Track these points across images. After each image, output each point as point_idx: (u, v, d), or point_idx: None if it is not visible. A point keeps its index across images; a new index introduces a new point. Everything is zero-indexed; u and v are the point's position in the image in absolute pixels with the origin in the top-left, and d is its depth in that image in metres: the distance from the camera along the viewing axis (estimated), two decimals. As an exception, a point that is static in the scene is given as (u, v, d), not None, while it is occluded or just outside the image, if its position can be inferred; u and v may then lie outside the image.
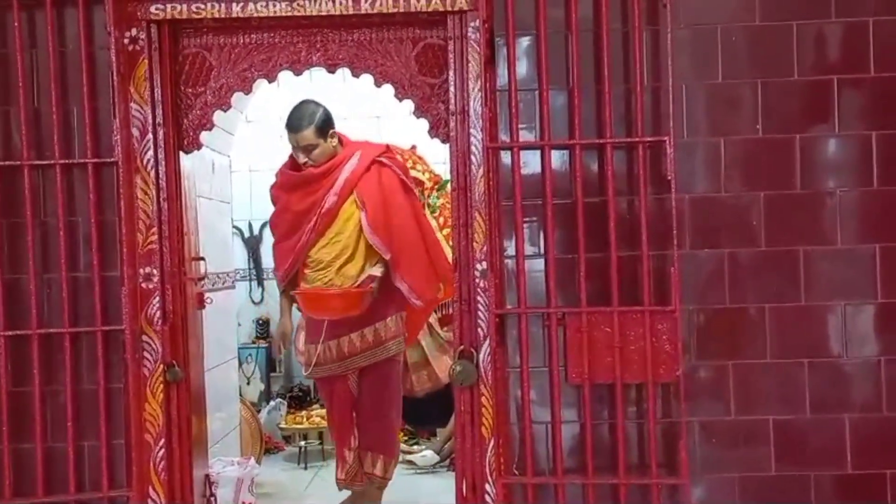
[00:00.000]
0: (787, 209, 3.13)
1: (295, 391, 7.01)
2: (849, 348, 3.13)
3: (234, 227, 6.04)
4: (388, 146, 4.27)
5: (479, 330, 3.12)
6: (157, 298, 3.16)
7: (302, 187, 4.09)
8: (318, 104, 4.09)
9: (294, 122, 4.01)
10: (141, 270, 3.14)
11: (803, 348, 3.12)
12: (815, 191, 3.13)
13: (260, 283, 7.18)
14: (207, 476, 3.72)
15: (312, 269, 4.11)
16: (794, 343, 3.12)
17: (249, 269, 7.13)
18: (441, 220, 6.50)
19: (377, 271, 4.11)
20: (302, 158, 4.03)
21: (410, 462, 6.00)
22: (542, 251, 3.13)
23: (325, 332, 4.08)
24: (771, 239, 3.12)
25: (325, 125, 4.03)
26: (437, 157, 6.36)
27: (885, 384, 3.12)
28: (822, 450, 3.12)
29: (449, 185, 6.38)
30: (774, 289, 3.13)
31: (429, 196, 6.54)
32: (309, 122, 3.98)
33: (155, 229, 3.16)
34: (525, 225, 3.11)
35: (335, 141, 4.08)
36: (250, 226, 7.12)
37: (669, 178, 2.99)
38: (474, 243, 3.14)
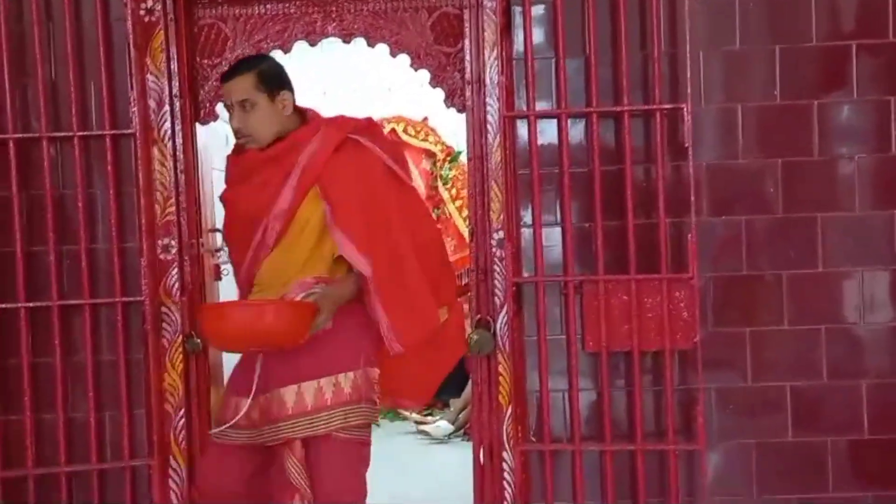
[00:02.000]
0: (804, 176, 3.13)
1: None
2: (865, 315, 3.13)
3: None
4: (370, 119, 3.06)
5: (496, 299, 3.12)
6: (176, 270, 3.17)
7: (247, 179, 2.88)
8: (267, 57, 3.07)
9: (228, 71, 2.93)
10: (159, 242, 3.15)
11: (820, 315, 3.13)
12: (832, 157, 3.12)
13: (273, 256, 7.20)
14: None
15: (256, 293, 2.88)
16: (811, 310, 3.13)
17: (263, 241, 7.14)
18: (453, 191, 6.53)
19: (334, 273, 2.82)
20: (235, 123, 2.83)
21: (424, 432, 6.04)
22: (559, 220, 3.13)
23: (260, 378, 2.74)
24: (788, 206, 3.12)
25: (272, 79, 2.84)
26: (448, 128, 6.37)
27: (902, 350, 3.13)
28: (838, 416, 3.13)
29: (461, 157, 6.44)
30: (791, 256, 3.12)
31: (441, 167, 6.56)
32: (247, 68, 2.84)
33: (173, 200, 3.17)
34: (542, 194, 3.11)
35: (288, 110, 2.87)
36: (263, 199, 7.13)
37: (687, 145, 2.98)
38: (491, 212, 3.13)
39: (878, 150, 3.11)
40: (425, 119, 6.61)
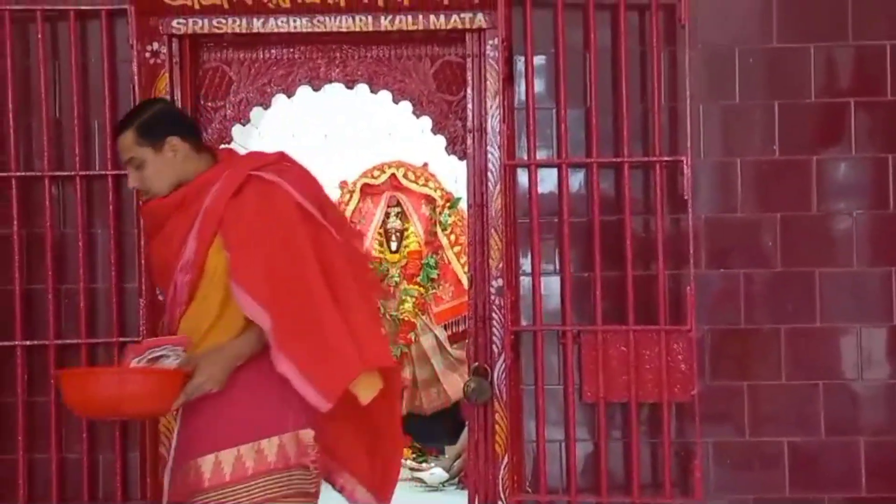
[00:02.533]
0: (803, 231, 3.14)
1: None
2: (863, 371, 3.12)
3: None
4: (282, 153, 2.62)
5: (494, 347, 3.12)
6: (174, 311, 3.16)
7: (158, 230, 2.57)
8: (160, 100, 2.89)
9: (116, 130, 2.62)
10: (158, 283, 3.15)
11: (818, 370, 3.12)
12: (830, 213, 3.14)
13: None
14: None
15: None
16: (809, 365, 3.12)
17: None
18: (452, 237, 6.53)
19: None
20: (130, 182, 2.55)
21: (419, 479, 5.99)
22: (558, 269, 3.14)
23: (177, 448, 2.50)
24: (786, 260, 3.13)
25: (153, 129, 2.48)
26: (448, 174, 6.39)
27: (900, 407, 3.12)
28: (836, 473, 3.11)
29: (461, 203, 6.45)
30: (789, 310, 3.13)
31: (440, 213, 6.57)
32: (126, 125, 2.51)
33: (173, 242, 3.17)
34: (541, 242, 3.12)
35: (181, 155, 2.49)
36: (261, 240, 7.13)
37: (686, 197, 3.00)
38: (490, 260, 3.14)
39: (875, 206, 3.13)
40: (425, 164, 6.64)
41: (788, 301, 3.13)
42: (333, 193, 6.77)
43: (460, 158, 3.30)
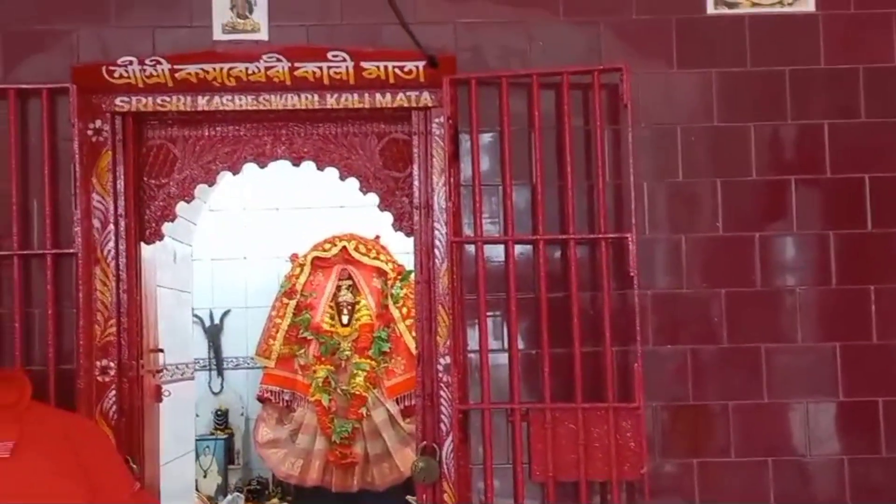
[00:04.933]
0: (748, 306, 3.16)
1: (253, 484, 6.85)
2: (812, 447, 3.12)
3: (195, 315, 5.97)
4: None
5: (442, 425, 3.08)
6: (114, 392, 3.09)
7: None
8: None
9: None
10: (98, 363, 3.08)
11: (767, 446, 3.11)
12: (774, 288, 3.16)
13: (220, 374, 7.07)
14: (160, 578, 3.58)
15: None
16: (758, 441, 3.11)
17: (210, 358, 7.03)
18: (404, 310, 6.49)
19: None
20: None
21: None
22: (506, 346, 3.11)
23: None
24: (732, 335, 3.14)
25: None
26: (400, 247, 6.37)
27: (848, 483, 3.10)
28: (787, 551, 3.09)
29: (412, 276, 6.42)
30: (737, 386, 3.13)
31: (392, 286, 6.54)
32: None
33: (113, 321, 3.11)
34: (489, 319, 3.10)
35: None
36: (211, 315, 7.04)
37: (632, 274, 3.01)
38: (438, 337, 3.12)
39: (818, 282, 3.16)
40: (377, 237, 6.62)
41: (736, 377, 3.13)
42: (284, 267, 6.73)
43: (407, 235, 3.29)
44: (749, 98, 3.18)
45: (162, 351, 3.66)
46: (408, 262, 6.47)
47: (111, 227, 3.12)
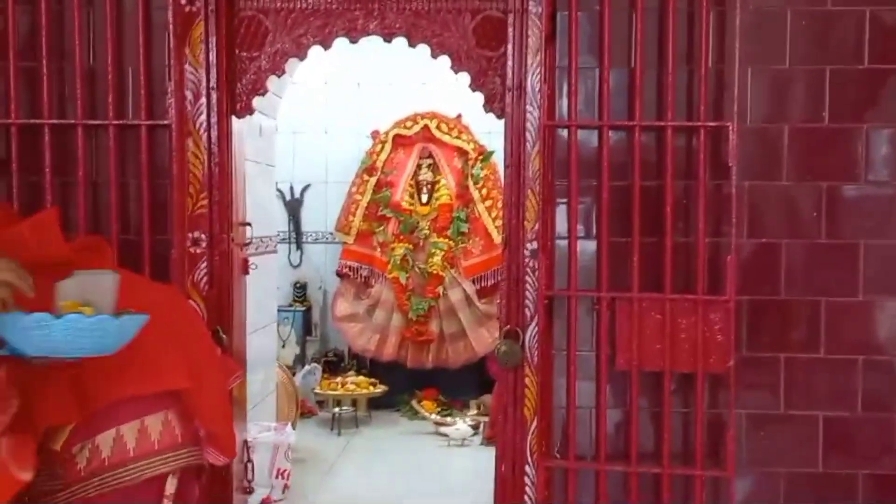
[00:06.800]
0: (848, 201, 3.05)
1: (330, 356, 7.05)
2: (905, 347, 3.06)
3: (276, 189, 6.03)
4: None
5: (527, 310, 3.07)
6: (205, 263, 3.14)
7: None
8: None
9: None
10: (190, 235, 3.12)
11: (858, 345, 3.05)
12: (878, 183, 3.04)
13: (299, 247, 7.19)
14: (245, 441, 3.73)
15: None
16: (849, 339, 3.05)
17: (290, 231, 7.13)
18: (484, 191, 6.47)
19: None
20: None
21: (443, 435, 6.00)
22: (595, 233, 3.07)
23: None
24: (830, 231, 3.05)
25: None
26: (482, 127, 6.31)
27: (941, 386, 3.05)
28: (871, 448, 3.06)
29: (493, 157, 6.38)
30: (831, 283, 3.05)
31: (473, 166, 6.50)
32: None
33: (205, 194, 3.13)
34: (579, 206, 3.05)
35: None
36: (291, 188, 7.11)
37: (731, 164, 2.92)
38: (525, 222, 3.08)
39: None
40: (459, 116, 6.55)
41: (831, 274, 3.05)
42: (365, 143, 6.72)
43: (498, 117, 3.22)
44: (866, -20, 3.00)
45: (249, 224, 3.70)
46: (489, 142, 6.43)
47: (203, 99, 3.11)
